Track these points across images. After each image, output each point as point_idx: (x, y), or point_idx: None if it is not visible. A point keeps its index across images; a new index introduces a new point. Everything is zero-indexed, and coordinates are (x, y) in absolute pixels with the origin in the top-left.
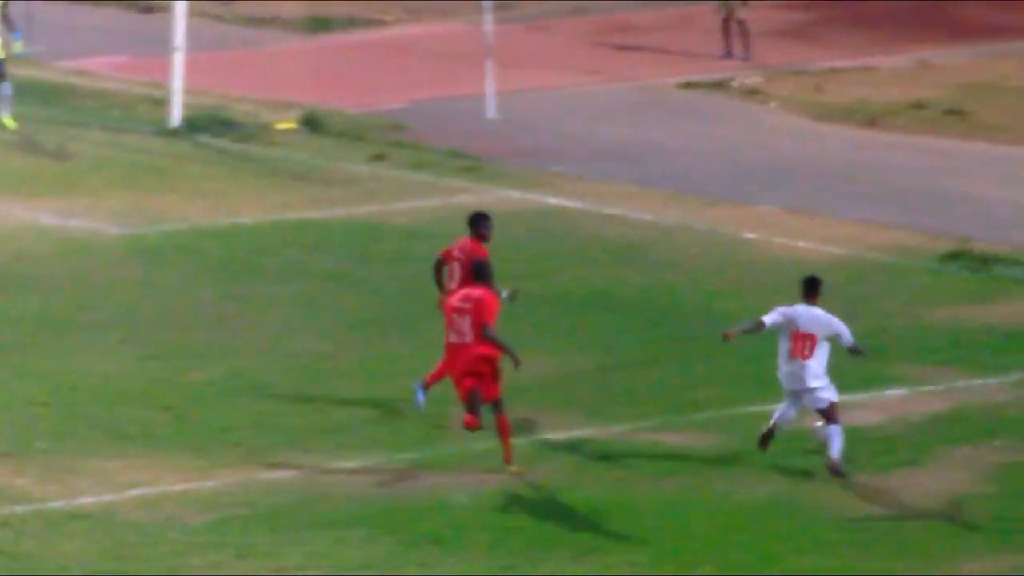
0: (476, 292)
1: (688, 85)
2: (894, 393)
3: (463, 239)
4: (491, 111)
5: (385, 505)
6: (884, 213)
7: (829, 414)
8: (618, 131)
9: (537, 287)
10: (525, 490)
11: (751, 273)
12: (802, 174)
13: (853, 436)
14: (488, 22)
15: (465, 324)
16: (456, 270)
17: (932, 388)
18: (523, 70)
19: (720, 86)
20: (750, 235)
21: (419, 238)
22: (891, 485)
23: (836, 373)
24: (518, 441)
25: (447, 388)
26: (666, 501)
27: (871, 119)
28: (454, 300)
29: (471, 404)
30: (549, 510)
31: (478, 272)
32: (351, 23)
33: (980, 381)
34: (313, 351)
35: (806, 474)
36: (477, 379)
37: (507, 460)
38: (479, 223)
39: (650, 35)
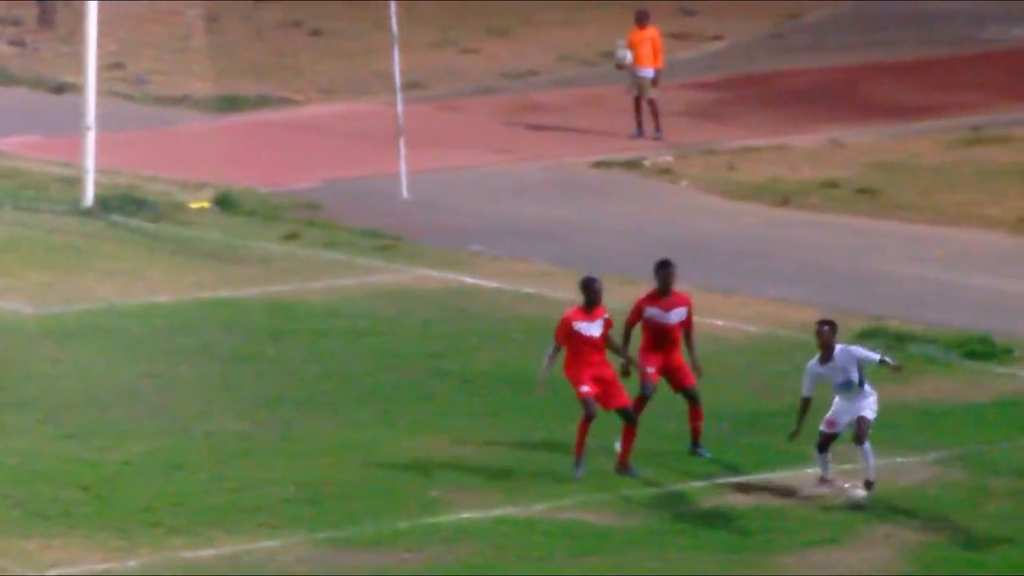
0: None
1: (600, 164)
2: (811, 470)
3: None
4: (405, 191)
5: None
6: (799, 291)
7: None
8: (532, 210)
9: (455, 366)
10: (446, 570)
11: None
12: (716, 252)
13: (773, 515)
14: (400, 102)
15: None
16: None
17: (851, 466)
18: (435, 150)
19: (632, 165)
20: None
21: (335, 317)
22: (813, 563)
23: (757, 451)
24: (439, 520)
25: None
26: None
27: (784, 198)
28: None
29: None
30: None
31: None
32: (262, 102)
33: (900, 459)
34: (232, 430)
35: (731, 552)
36: None
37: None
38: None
39: (560, 115)
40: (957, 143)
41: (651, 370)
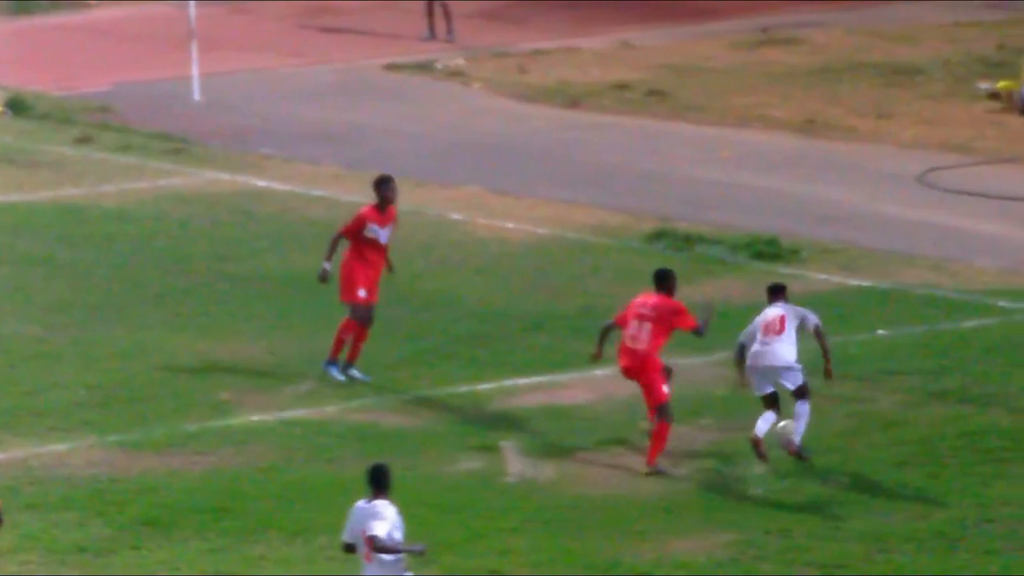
0: (653, 299)
1: (392, 67)
2: (601, 373)
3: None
4: (197, 93)
5: (96, 488)
6: (588, 193)
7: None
8: (324, 113)
9: (243, 269)
10: (235, 472)
11: (457, 253)
12: (507, 155)
13: (562, 415)
14: (192, 4)
15: (644, 331)
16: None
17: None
18: (228, 52)
19: (424, 68)
20: (456, 216)
21: (126, 221)
22: (601, 463)
23: (542, 353)
24: (229, 422)
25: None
26: None
27: (574, 100)
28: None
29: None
30: (260, 491)
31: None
32: (54, 5)
33: (685, 360)
34: (22, 334)
35: (520, 454)
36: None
37: (650, 461)
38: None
39: (353, 17)
40: (745, 45)
41: (362, 293)
